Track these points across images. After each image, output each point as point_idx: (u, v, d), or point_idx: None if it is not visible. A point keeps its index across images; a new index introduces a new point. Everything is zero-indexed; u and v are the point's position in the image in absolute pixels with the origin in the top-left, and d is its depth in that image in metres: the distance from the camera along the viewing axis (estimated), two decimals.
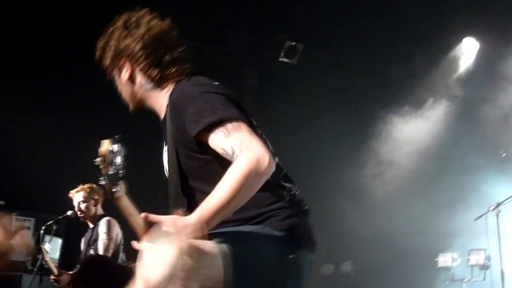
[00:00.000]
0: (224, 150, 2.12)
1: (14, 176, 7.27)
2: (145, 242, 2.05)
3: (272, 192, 2.29)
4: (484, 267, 6.81)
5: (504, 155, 7.73)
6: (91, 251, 5.78)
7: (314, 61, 8.90)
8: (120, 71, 2.46)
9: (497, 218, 6.31)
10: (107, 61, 2.47)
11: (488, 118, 7.84)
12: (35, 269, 5.63)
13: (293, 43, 8.75)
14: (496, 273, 6.37)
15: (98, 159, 1.90)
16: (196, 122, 2.17)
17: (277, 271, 2.20)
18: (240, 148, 2.08)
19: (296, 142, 8.75)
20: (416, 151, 8.60)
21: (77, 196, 5.85)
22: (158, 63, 2.41)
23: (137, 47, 2.39)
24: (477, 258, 6.87)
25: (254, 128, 2.27)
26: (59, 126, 7.57)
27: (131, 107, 2.53)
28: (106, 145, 1.92)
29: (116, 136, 2.02)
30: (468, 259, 7.00)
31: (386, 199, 8.31)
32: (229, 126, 2.13)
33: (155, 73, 2.40)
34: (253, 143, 2.10)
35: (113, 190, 1.93)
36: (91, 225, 5.93)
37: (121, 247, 5.74)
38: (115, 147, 1.94)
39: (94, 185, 5.90)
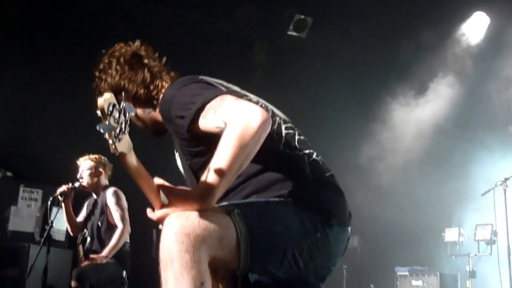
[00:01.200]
0: (218, 127, 2.12)
1: (21, 148, 7.30)
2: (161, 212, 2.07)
3: (292, 165, 2.31)
4: (491, 242, 6.81)
5: None
6: (98, 223, 5.81)
7: (323, 35, 8.83)
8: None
9: (505, 193, 6.29)
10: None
11: (497, 94, 7.79)
12: (42, 240, 5.66)
13: (302, 17, 8.69)
14: (502, 248, 6.36)
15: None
16: (182, 117, 2.21)
17: (299, 248, 2.19)
18: (230, 116, 2.08)
19: (303, 116, 8.71)
20: (424, 129, 8.58)
21: (83, 163, 5.88)
22: (143, 84, 2.48)
23: (119, 81, 2.49)
24: (484, 233, 6.87)
25: (241, 96, 2.30)
26: (68, 97, 7.56)
27: (152, 133, 2.63)
28: (107, 96, 1.81)
29: (123, 92, 1.97)
30: (475, 233, 7.00)
31: (394, 176, 8.30)
32: (213, 104, 2.15)
33: (144, 95, 2.48)
34: (240, 106, 2.10)
35: (112, 141, 1.83)
36: (94, 196, 5.96)
37: None
38: (118, 102, 1.87)
39: (103, 157, 5.93)
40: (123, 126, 1.86)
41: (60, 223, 5.94)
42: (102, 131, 1.79)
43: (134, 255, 6.11)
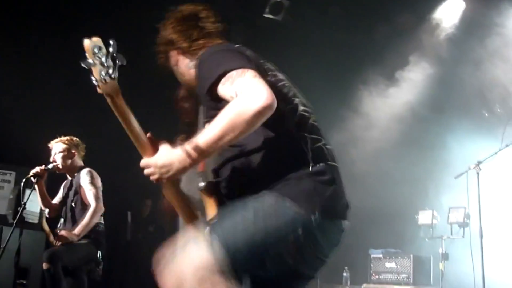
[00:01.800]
0: (231, 97, 2.22)
1: None
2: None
3: (294, 147, 2.37)
4: (463, 225, 6.89)
5: (486, 115, 7.77)
6: (72, 204, 5.78)
7: (300, 17, 8.81)
8: (171, 60, 2.73)
9: (478, 176, 6.35)
10: (163, 58, 2.76)
11: (472, 79, 7.84)
12: (15, 222, 5.61)
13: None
14: (474, 231, 6.44)
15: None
16: (205, 79, 2.34)
17: (282, 246, 2.25)
18: (241, 90, 2.19)
19: None
20: (398, 112, 8.62)
21: (56, 146, 5.84)
22: (189, 39, 2.65)
23: (172, 34, 2.68)
24: (457, 216, 6.94)
25: (264, 74, 2.39)
26: (41, 76, 7.46)
27: (187, 89, 2.90)
28: (94, 39, 2.00)
29: (111, 41, 2.05)
30: (448, 216, 7.08)
31: (366, 160, 8.35)
32: (233, 73, 2.25)
33: (187, 48, 2.65)
34: (252, 85, 2.19)
35: (96, 81, 2.03)
36: (69, 178, 5.93)
37: None
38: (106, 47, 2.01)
39: (74, 138, 5.89)
40: (110, 70, 2.00)
41: (34, 205, 5.90)
42: (83, 65, 1.98)
43: (109, 237, 6.09)
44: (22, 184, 5.55)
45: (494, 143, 6.55)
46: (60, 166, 5.77)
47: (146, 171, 2.30)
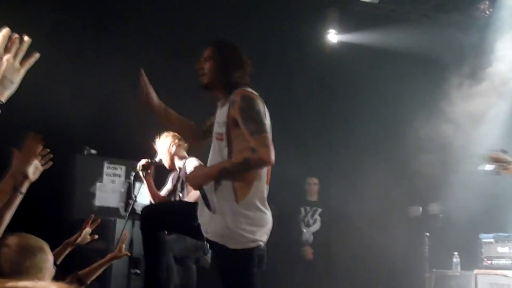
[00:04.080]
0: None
1: (104, 125, 7.51)
2: None
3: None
4: None
5: None
6: (180, 195, 5.91)
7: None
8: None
9: None
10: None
11: None
12: (127, 214, 5.84)
13: None
14: None
15: None
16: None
17: None
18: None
19: (373, 81, 8.66)
20: None
21: (159, 145, 5.92)
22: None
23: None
24: None
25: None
26: (148, 74, 7.70)
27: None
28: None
29: None
30: None
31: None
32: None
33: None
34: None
35: None
36: (178, 169, 6.03)
37: None
38: None
39: (174, 133, 5.96)
40: None
41: (144, 197, 6.10)
42: None
43: None
44: (132, 177, 5.75)
45: None
46: (167, 165, 5.88)
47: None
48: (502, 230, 7.39)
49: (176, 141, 5.92)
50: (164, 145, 5.91)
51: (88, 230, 4.09)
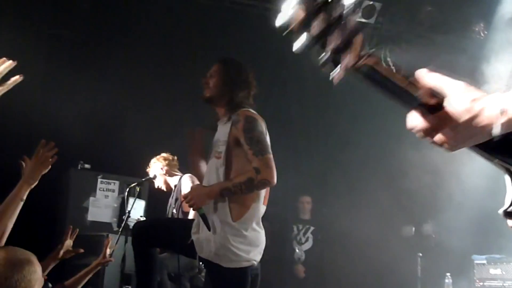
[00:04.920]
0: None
1: (99, 140, 7.52)
2: None
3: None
4: None
5: None
6: (174, 211, 5.90)
7: (391, 20, 8.75)
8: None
9: None
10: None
11: None
12: (120, 230, 5.82)
13: (370, 2, 8.56)
14: None
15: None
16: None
17: None
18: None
19: (368, 102, 8.69)
20: None
21: (152, 169, 6.04)
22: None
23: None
24: None
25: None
26: (141, 92, 7.75)
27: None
28: None
29: None
30: None
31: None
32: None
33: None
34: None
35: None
36: (173, 187, 6.05)
37: None
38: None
39: (165, 154, 6.03)
40: None
41: (137, 213, 6.09)
42: None
43: None
44: (126, 193, 5.75)
45: None
46: (163, 188, 5.95)
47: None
48: (494, 251, 7.40)
49: (165, 162, 5.98)
50: (156, 171, 5.97)
51: (69, 242, 4.04)
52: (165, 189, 6.01)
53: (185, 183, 5.83)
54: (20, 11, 7.34)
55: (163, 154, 6.11)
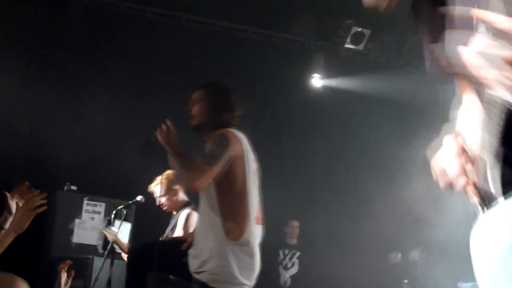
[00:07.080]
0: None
1: (85, 162, 7.48)
2: None
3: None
4: None
5: None
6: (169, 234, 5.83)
7: (380, 46, 8.84)
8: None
9: None
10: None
11: None
12: (106, 252, 5.77)
13: (360, 29, 8.65)
14: None
15: None
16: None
17: None
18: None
19: (356, 126, 8.74)
20: None
21: (156, 189, 5.80)
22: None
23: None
24: None
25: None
26: (128, 112, 7.74)
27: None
28: None
29: None
30: None
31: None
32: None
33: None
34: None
35: None
36: (174, 212, 5.92)
37: None
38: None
39: (169, 172, 5.83)
40: None
41: (124, 235, 6.04)
42: None
43: None
44: (112, 215, 5.70)
45: None
46: (168, 208, 5.78)
47: None
48: None
49: (173, 185, 5.74)
50: (162, 191, 5.77)
51: (64, 276, 4.01)
52: (167, 208, 5.84)
53: (181, 219, 5.68)
54: (10, 32, 7.35)
55: (167, 174, 5.83)
